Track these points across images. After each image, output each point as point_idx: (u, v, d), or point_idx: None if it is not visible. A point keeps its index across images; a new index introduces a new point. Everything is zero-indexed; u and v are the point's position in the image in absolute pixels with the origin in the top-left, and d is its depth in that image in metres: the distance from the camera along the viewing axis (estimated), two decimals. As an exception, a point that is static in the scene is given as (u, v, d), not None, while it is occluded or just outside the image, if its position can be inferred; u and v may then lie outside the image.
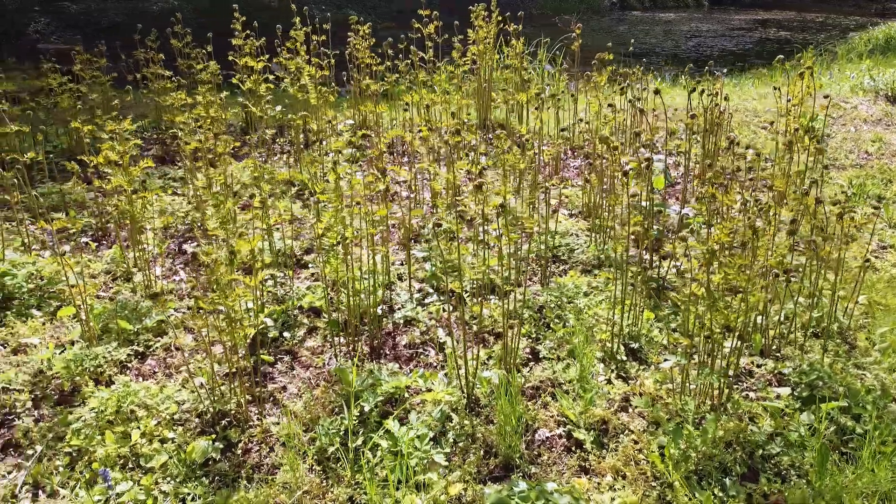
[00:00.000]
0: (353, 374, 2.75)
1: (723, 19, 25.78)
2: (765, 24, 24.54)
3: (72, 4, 18.53)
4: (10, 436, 2.80)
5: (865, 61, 10.12)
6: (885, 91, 7.77)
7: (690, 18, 25.80)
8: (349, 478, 2.48)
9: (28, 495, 2.54)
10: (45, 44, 7.49)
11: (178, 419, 2.80)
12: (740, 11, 27.96)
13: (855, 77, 8.35)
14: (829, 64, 10.82)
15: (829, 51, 13.43)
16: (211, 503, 2.43)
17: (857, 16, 26.34)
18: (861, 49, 12.66)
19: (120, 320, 3.29)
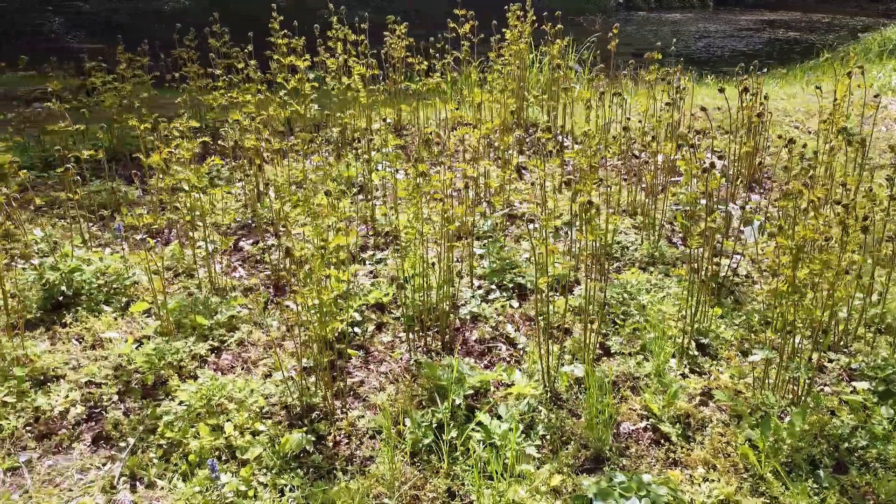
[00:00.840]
0: (440, 369, 2.79)
1: (729, 20, 25.82)
2: (772, 25, 24.58)
3: (84, 4, 18.54)
4: (101, 428, 2.84)
5: (891, 61, 10.17)
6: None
7: (697, 19, 25.85)
8: (446, 469, 2.53)
9: (126, 486, 2.58)
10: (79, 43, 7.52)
11: (266, 412, 2.84)
12: (745, 12, 28.00)
13: (882, 77, 8.40)
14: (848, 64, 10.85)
15: (843, 51, 13.47)
16: (309, 495, 2.47)
17: (863, 16, 26.37)
18: (876, 49, 12.71)
19: (195, 315, 3.33)
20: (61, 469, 2.66)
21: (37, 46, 13.60)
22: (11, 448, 2.74)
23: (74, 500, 2.51)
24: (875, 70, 9.06)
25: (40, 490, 2.55)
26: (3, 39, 14.48)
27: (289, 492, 2.50)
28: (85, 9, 17.84)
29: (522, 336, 3.40)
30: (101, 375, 3.07)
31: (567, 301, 3.25)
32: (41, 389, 2.99)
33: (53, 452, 2.74)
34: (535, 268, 2.93)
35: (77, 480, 2.61)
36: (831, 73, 9.70)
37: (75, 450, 2.76)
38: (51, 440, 2.79)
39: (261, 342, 3.36)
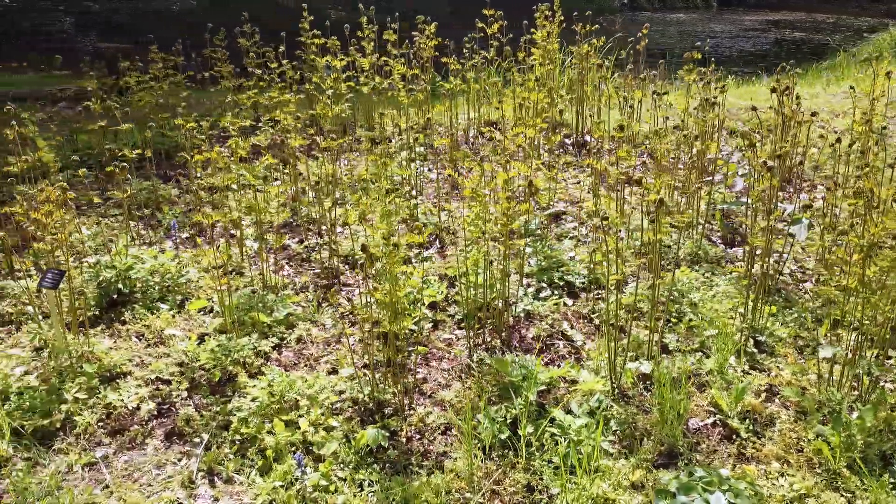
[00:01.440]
0: (510, 366, 2.82)
1: (734, 20, 25.86)
2: (777, 25, 24.61)
3: (94, 4, 18.54)
4: (172, 424, 2.87)
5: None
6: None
7: (701, 19, 25.89)
8: (523, 464, 2.55)
9: (204, 481, 2.61)
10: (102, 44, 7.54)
11: (336, 408, 2.86)
12: (749, 12, 28.03)
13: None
14: (864, 64, 10.90)
15: (855, 52, 13.52)
16: (388, 489, 2.50)
17: (866, 16, 26.40)
18: (886, 50, 12.75)
19: (256, 313, 3.36)
20: (138, 464, 2.69)
21: (37, 46, 13.62)
22: (86, 444, 2.76)
23: (155, 495, 2.54)
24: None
25: (120, 485, 2.57)
26: (4, 39, 14.49)
27: (367, 486, 2.52)
28: (94, 9, 17.84)
29: (578, 333, 3.43)
30: (168, 372, 3.09)
31: (619, 299, 3.28)
32: (110, 386, 3.01)
33: (128, 448, 2.77)
34: (606, 266, 2.95)
35: (155, 476, 2.64)
36: (850, 73, 9.74)
37: (149, 445, 2.79)
38: (124, 436, 2.81)
39: (319, 339, 3.38)
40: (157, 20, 16.81)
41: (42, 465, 2.65)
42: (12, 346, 3.27)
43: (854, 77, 9.18)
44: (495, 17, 6.58)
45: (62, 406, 2.85)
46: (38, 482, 2.55)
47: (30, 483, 2.54)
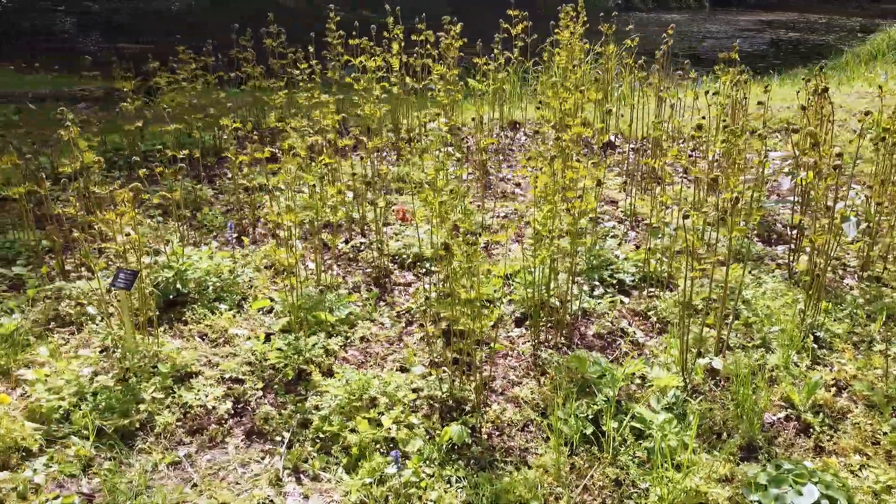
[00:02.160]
0: (588, 363, 2.85)
1: (728, 20, 26.04)
2: (771, 25, 24.77)
3: (94, 4, 18.45)
4: (251, 423, 2.89)
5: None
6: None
7: (695, 19, 26.05)
8: (609, 459, 2.59)
9: (291, 479, 2.63)
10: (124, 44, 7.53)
11: (414, 406, 2.89)
12: (743, 12, 28.22)
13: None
14: (870, 64, 11.03)
15: (855, 52, 13.66)
16: (476, 485, 2.53)
17: (859, 16, 26.63)
18: (884, 50, 12.90)
19: (319, 312, 3.38)
20: (221, 463, 2.70)
21: (37, 46, 13.53)
22: (167, 443, 2.77)
23: (245, 493, 2.55)
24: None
25: (209, 484, 2.59)
26: (4, 39, 14.39)
27: (455, 483, 2.55)
28: (94, 9, 17.74)
29: (638, 331, 3.47)
30: (239, 371, 3.11)
31: (690, 296, 3.32)
32: (183, 385, 3.02)
33: (209, 447, 2.78)
34: (685, 263, 3.00)
35: (241, 474, 2.65)
36: (859, 72, 9.85)
37: (229, 444, 2.80)
38: (203, 435, 2.83)
39: (381, 337, 3.41)
40: (157, 20, 16.74)
41: (127, 465, 2.66)
42: (79, 347, 3.27)
43: (864, 77, 9.30)
44: (520, 18, 6.64)
45: (140, 406, 2.86)
46: (127, 481, 2.56)
47: (119, 482, 2.55)
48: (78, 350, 3.25)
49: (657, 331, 3.50)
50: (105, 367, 3.11)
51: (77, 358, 3.16)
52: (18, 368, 3.12)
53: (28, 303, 3.59)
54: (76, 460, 2.66)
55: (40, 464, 2.63)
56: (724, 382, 3.01)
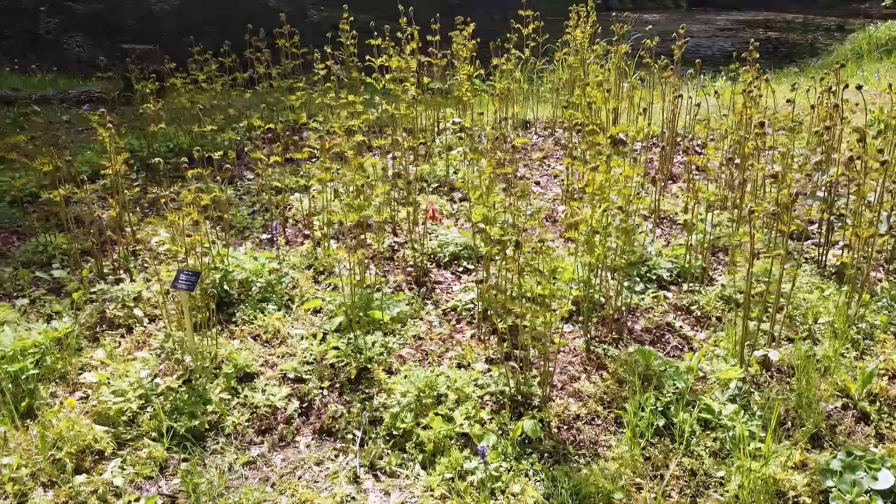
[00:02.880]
0: (653, 358, 2.91)
1: (707, 20, 26.37)
2: (750, 25, 25.14)
3: (76, 4, 18.18)
4: (319, 422, 2.90)
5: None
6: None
7: (674, 19, 26.35)
8: (682, 450, 2.65)
9: (369, 476, 2.65)
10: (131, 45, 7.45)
11: (483, 401, 2.92)
12: (721, 12, 28.60)
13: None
14: (858, 62, 11.29)
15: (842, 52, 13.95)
16: (554, 478, 2.57)
17: (833, 16, 27.11)
18: (867, 48, 13.19)
19: (373, 311, 3.40)
20: (296, 462, 2.72)
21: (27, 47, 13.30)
22: (238, 443, 2.78)
23: (326, 491, 2.57)
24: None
25: (288, 482, 2.60)
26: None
27: (533, 476, 2.59)
28: (77, 10, 17.48)
29: (684, 325, 3.54)
30: (301, 371, 3.12)
31: (749, 289, 3.39)
32: (246, 386, 3.03)
33: (281, 447, 2.79)
34: (748, 257, 3.06)
35: (318, 472, 2.67)
36: (852, 71, 10.06)
37: (300, 443, 2.81)
38: (273, 434, 2.84)
39: (434, 335, 3.43)
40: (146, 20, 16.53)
41: (202, 466, 2.66)
42: (131, 350, 3.26)
43: (857, 76, 9.51)
44: (532, 19, 6.70)
45: (207, 407, 2.86)
46: (206, 481, 2.56)
47: (199, 482, 2.55)
48: (131, 352, 3.24)
49: (701, 325, 3.57)
50: (163, 369, 3.10)
51: (133, 360, 3.15)
52: (75, 372, 3.10)
53: (72, 306, 3.56)
54: (150, 462, 2.66)
55: (115, 466, 2.62)
56: (778, 374, 3.09)
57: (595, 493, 2.49)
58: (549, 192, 5.39)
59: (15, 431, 2.74)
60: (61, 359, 3.11)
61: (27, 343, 3.06)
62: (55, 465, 2.61)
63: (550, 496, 2.51)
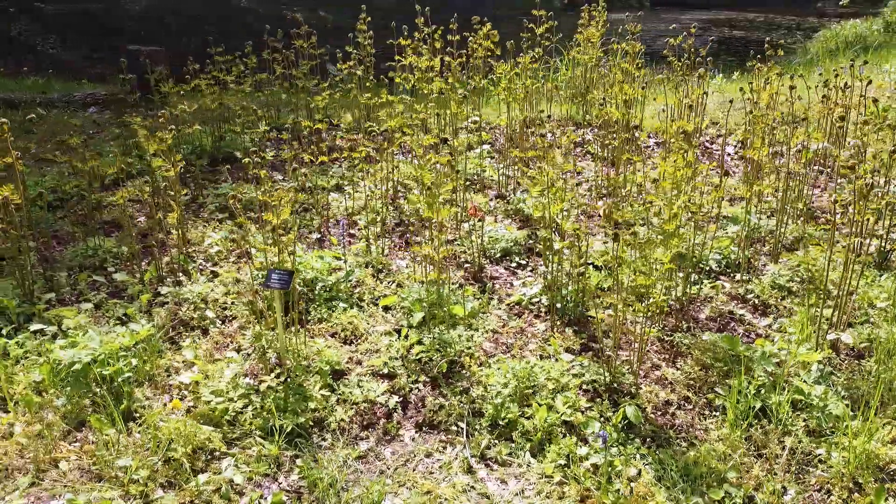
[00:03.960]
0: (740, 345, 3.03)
1: (673, 19, 26.84)
2: (715, 24, 25.70)
3: (45, 5, 17.76)
4: (421, 416, 2.95)
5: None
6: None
7: (639, 19, 26.84)
8: (780, 430, 2.77)
9: (481, 466, 2.71)
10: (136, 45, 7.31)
11: (582, 390, 3.01)
12: (684, 11, 29.20)
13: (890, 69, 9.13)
14: (835, 60, 11.67)
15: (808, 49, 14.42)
16: (661, 461, 2.67)
17: (792, 15, 27.88)
18: (841, 46, 13.65)
19: (451, 306, 3.45)
20: (405, 455, 2.76)
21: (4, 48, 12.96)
22: (345, 439, 2.81)
23: (445, 481, 2.62)
24: (888, 64, 9.81)
25: (404, 475, 2.65)
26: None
27: (640, 458, 2.69)
28: (47, 10, 17.08)
29: (745, 312, 3.67)
30: (391, 366, 3.16)
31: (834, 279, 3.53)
32: (341, 382, 3.06)
33: (387, 441, 2.84)
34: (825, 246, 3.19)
35: (430, 464, 2.72)
36: (830, 67, 10.41)
37: (405, 437, 2.86)
38: (376, 429, 2.88)
39: (509, 329, 3.50)
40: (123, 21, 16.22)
41: (314, 461, 2.69)
42: (212, 351, 3.26)
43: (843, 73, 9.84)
44: (545, 19, 6.81)
45: (309, 404, 2.89)
46: (327, 476, 2.59)
47: (320, 477, 2.58)
48: (211, 353, 3.24)
49: (759, 312, 3.71)
50: (249, 369, 3.11)
51: (219, 361, 3.16)
52: (161, 374, 3.09)
53: (141, 309, 3.54)
54: (263, 460, 2.68)
55: (229, 465, 2.64)
56: (847, 356, 3.23)
57: (707, 473, 2.59)
58: (580, 188, 5.50)
59: (119, 434, 2.73)
60: (148, 361, 3.10)
61: (114, 346, 3.04)
62: (170, 465, 2.61)
63: (661, 478, 2.60)
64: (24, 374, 3.02)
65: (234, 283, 3.81)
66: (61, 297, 3.67)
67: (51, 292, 3.68)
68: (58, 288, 3.74)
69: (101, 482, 2.56)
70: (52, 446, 2.68)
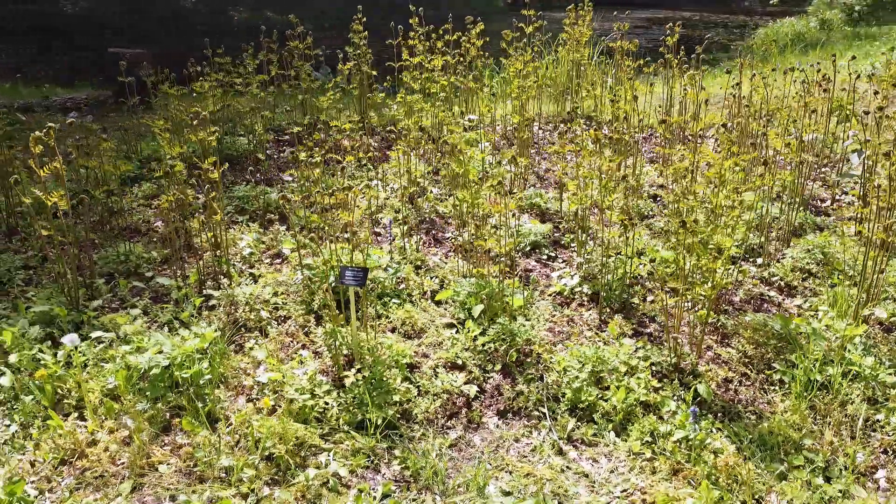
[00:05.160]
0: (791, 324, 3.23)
1: (617, 18, 27.59)
2: (658, 23, 26.47)
3: (-13, 9, 17.06)
4: (501, 403, 3.04)
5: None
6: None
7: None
8: (839, 400, 2.97)
9: (570, 447, 2.83)
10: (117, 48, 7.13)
11: (653, 371, 3.15)
12: (624, 10, 29.93)
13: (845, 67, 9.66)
14: (783, 56, 12.25)
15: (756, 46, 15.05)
16: (736, 433, 2.84)
17: (723, 13, 28.92)
18: (788, 43, 14.32)
19: (512, 298, 3.55)
20: (494, 441, 2.85)
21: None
22: (433, 428, 2.88)
23: (541, 463, 2.73)
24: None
25: (500, 459, 2.74)
26: None
27: (718, 432, 2.85)
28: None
29: (773, 293, 3.89)
30: (462, 357, 3.24)
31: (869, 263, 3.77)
32: (415, 374, 3.12)
33: (473, 429, 2.92)
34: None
35: (521, 448, 2.82)
36: (790, 61, 10.92)
37: (489, 424, 2.95)
38: (460, 418, 2.96)
39: (560, 318, 3.62)
40: (53, 21, 15.70)
41: (409, 451, 2.75)
42: (277, 349, 3.28)
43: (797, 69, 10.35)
44: (535, 18, 6.98)
45: (393, 397, 2.94)
46: (428, 465, 2.66)
47: (421, 466, 2.65)
48: (275, 353, 3.26)
49: (785, 293, 3.94)
50: (323, 367, 3.15)
51: (290, 360, 3.18)
52: (236, 374, 3.10)
53: (194, 313, 3.52)
54: (360, 453, 2.73)
55: (329, 459, 2.67)
56: (880, 329, 3.48)
57: (783, 441, 2.77)
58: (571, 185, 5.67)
59: (210, 434, 2.74)
60: (219, 363, 3.10)
61: (187, 349, 3.03)
62: (271, 462, 2.64)
63: (740, 449, 2.77)
64: (95, 380, 2.98)
65: (276, 283, 3.81)
66: (106, 304, 3.61)
67: (92, 300, 3.62)
68: (98, 295, 3.68)
69: (203, 483, 2.56)
70: (143, 451, 2.67)
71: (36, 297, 3.59)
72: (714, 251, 3.04)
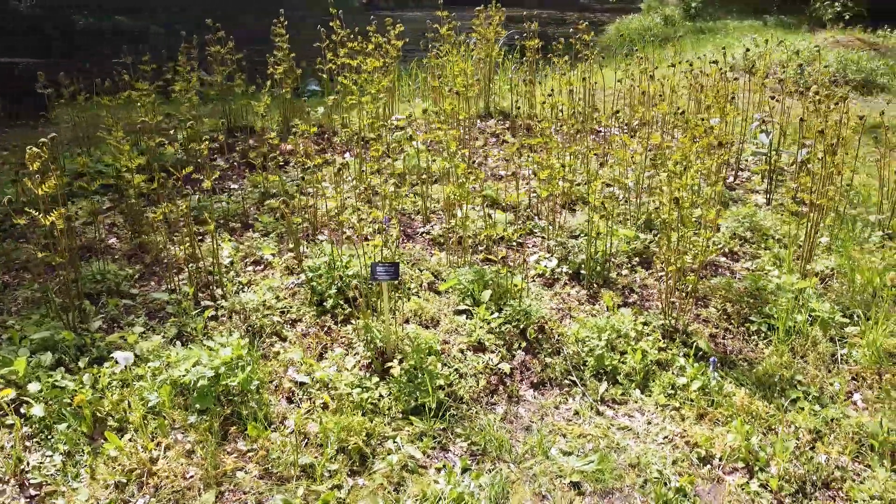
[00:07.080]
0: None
1: (469, 17, 28.51)
2: (512, 21, 27.57)
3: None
4: (532, 377, 3.29)
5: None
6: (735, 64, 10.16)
7: (434, 17, 28.15)
8: (810, 341, 3.48)
9: (604, 406, 3.13)
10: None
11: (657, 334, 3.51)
12: (465, 8, 30.94)
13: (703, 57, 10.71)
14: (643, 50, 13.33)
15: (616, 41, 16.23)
16: (736, 378, 3.27)
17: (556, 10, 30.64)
18: (638, 38, 15.57)
19: (513, 282, 3.79)
20: (537, 410, 3.10)
21: None
22: (480, 406, 3.08)
23: (586, 423, 3.01)
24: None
25: (549, 424, 2.99)
26: None
27: (723, 379, 3.26)
28: None
29: (723, 259, 4.42)
30: (483, 338, 3.44)
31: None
32: (445, 359, 3.30)
33: (514, 402, 3.15)
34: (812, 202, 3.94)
35: (563, 413, 3.09)
36: (660, 55, 11.90)
37: (526, 395, 3.20)
38: (500, 394, 3.18)
39: (554, 294, 3.92)
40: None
41: (465, 428, 2.93)
42: (305, 350, 3.33)
43: (666, 61, 11.35)
44: (448, 19, 7.25)
45: (437, 381, 3.10)
46: (493, 439, 2.86)
47: (488, 440, 2.84)
48: (305, 352, 3.32)
49: (731, 258, 4.48)
50: (358, 362, 3.25)
51: (319, 359, 3.25)
52: (268, 378, 3.13)
53: (206, 323, 3.48)
54: (424, 435, 2.88)
55: (399, 445, 2.80)
56: (818, 279, 4.07)
57: (778, 381, 3.23)
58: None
59: (279, 436, 2.78)
60: (254, 369, 3.11)
61: (225, 358, 3.02)
62: (345, 454, 2.73)
63: (746, 390, 3.20)
64: (132, 399, 2.91)
65: (275, 288, 3.82)
66: (105, 324, 3.48)
67: (83, 322, 3.47)
68: (87, 317, 3.53)
69: (287, 482, 2.61)
70: (213, 461, 2.67)
71: (23, 326, 3.38)
72: (698, 225, 3.45)
